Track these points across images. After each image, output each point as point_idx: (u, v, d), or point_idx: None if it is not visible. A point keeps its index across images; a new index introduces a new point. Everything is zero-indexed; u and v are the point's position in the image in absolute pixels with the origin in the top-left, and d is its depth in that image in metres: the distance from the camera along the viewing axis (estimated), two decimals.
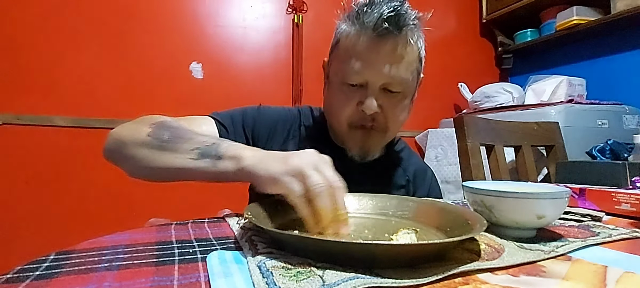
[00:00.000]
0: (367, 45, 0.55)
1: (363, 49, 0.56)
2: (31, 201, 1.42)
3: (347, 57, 0.58)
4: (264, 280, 0.25)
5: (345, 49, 0.59)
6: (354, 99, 0.59)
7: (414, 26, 0.56)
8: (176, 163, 0.49)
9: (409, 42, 0.56)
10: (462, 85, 2.15)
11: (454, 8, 2.34)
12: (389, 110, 0.59)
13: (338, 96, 0.61)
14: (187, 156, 0.48)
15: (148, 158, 0.51)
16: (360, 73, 0.57)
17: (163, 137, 0.50)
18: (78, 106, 1.49)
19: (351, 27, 0.58)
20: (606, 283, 0.27)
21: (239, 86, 1.76)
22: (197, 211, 0.81)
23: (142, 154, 0.51)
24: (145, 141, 0.51)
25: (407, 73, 0.58)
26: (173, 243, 0.36)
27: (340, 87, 0.60)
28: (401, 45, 0.56)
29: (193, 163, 0.48)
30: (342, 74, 0.59)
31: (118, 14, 1.56)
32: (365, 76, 0.57)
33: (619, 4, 1.69)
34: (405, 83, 0.59)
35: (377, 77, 0.57)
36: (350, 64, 0.57)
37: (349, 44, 0.58)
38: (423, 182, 0.76)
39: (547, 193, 0.37)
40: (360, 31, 0.56)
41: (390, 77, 0.57)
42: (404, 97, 0.61)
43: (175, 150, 0.49)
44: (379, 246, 0.28)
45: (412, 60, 0.59)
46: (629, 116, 1.69)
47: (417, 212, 0.47)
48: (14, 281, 0.26)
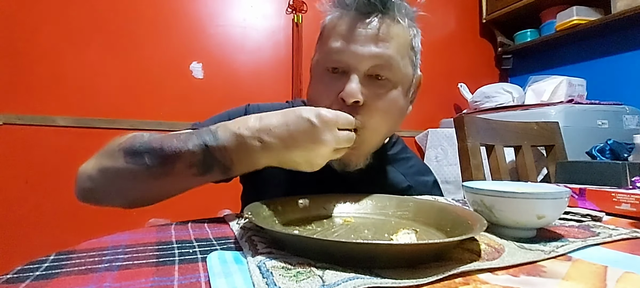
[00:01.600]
0: (348, 24, 0.49)
1: (344, 29, 0.50)
2: (31, 201, 1.42)
3: (327, 40, 0.52)
4: (264, 280, 0.25)
5: (327, 33, 0.53)
6: (335, 87, 0.50)
7: (402, 10, 0.51)
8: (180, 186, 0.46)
9: (396, 21, 0.50)
10: (462, 85, 2.15)
11: (454, 8, 2.34)
12: (374, 103, 0.50)
13: (318, 86, 0.54)
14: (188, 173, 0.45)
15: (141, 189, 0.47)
16: (341, 53, 0.49)
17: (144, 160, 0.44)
18: (79, 106, 1.49)
19: (334, 12, 0.52)
20: (606, 283, 0.27)
21: (239, 86, 1.76)
22: (197, 211, 0.81)
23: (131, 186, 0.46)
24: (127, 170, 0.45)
25: (397, 57, 0.50)
26: (173, 244, 0.36)
27: (320, 77, 0.53)
28: (387, 24, 0.49)
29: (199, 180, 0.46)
30: (322, 59, 0.53)
31: (119, 14, 1.56)
32: (347, 57, 0.49)
33: (619, 4, 1.69)
34: (396, 68, 0.50)
35: (360, 58, 0.49)
36: (330, 45, 0.51)
37: (330, 27, 0.52)
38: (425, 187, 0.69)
39: (547, 194, 0.37)
40: (342, 13, 0.51)
41: (376, 58, 0.49)
42: (394, 87, 0.51)
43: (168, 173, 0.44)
44: (379, 246, 0.28)
45: (403, 43, 0.51)
46: (629, 116, 1.69)
47: (417, 212, 0.47)
48: (14, 281, 0.26)
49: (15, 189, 1.40)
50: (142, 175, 0.45)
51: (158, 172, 0.45)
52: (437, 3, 2.28)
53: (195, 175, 0.45)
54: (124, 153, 0.46)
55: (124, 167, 0.45)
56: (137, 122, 1.57)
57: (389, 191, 0.60)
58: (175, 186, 0.46)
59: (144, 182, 0.46)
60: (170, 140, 0.45)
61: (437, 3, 2.28)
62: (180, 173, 0.45)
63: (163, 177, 0.45)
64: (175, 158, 0.44)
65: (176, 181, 0.46)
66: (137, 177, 0.45)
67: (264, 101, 0.74)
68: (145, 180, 0.45)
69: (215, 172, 0.45)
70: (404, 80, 0.53)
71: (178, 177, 0.45)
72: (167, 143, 0.45)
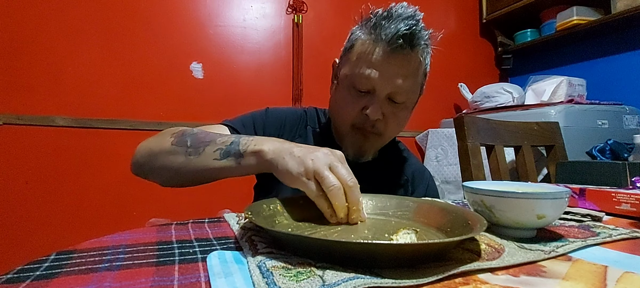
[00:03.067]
0: (380, 56, 0.59)
1: (376, 59, 0.59)
2: (31, 201, 1.42)
3: (359, 64, 0.61)
4: (264, 280, 0.25)
5: (358, 55, 0.62)
6: (359, 103, 0.63)
7: (425, 46, 0.61)
8: (202, 165, 0.53)
9: (419, 61, 0.61)
10: (462, 85, 2.15)
11: (454, 8, 2.34)
12: (390, 119, 0.63)
13: (346, 98, 0.64)
14: (212, 157, 0.52)
15: (175, 165, 0.54)
16: (370, 80, 0.60)
17: (186, 143, 0.54)
18: (79, 106, 1.49)
19: (367, 36, 0.61)
20: (606, 283, 0.27)
21: (239, 86, 1.76)
22: (197, 211, 0.81)
23: (170, 162, 0.55)
24: (171, 150, 0.55)
25: (413, 87, 0.63)
26: (173, 243, 0.37)
27: (348, 90, 0.64)
28: (412, 62, 0.60)
29: (218, 163, 0.52)
30: (352, 78, 0.62)
31: (119, 14, 1.56)
32: (374, 84, 0.60)
33: (619, 4, 1.69)
34: (410, 96, 0.63)
35: (385, 88, 0.60)
36: (362, 70, 0.60)
37: (362, 52, 0.61)
38: (421, 181, 0.79)
39: (547, 194, 0.37)
40: (375, 42, 0.59)
41: (397, 89, 0.60)
42: (406, 108, 0.65)
43: (199, 153, 0.53)
44: (379, 246, 0.28)
45: (419, 74, 0.63)
46: (629, 116, 1.69)
47: (417, 212, 0.47)
48: (14, 281, 0.26)
49: (15, 189, 1.40)
50: (180, 154, 0.54)
51: (192, 151, 0.53)
52: (437, 3, 2.28)
53: (215, 159, 0.52)
54: (173, 137, 0.56)
55: (168, 148, 0.55)
56: (137, 122, 1.57)
57: (391, 183, 0.75)
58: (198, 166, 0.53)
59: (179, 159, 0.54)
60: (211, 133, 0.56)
61: (437, 3, 2.28)
62: (208, 155, 0.52)
63: (195, 156, 0.53)
64: (208, 143, 0.53)
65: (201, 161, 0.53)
66: (176, 154, 0.54)
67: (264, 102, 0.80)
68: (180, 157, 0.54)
69: (231, 158, 0.51)
70: (413, 101, 0.66)
71: (204, 158, 0.52)
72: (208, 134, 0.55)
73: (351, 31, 0.65)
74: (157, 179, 0.59)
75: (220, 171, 0.52)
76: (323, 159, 0.43)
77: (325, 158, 0.43)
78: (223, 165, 0.51)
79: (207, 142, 0.54)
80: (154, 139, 0.59)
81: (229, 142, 0.52)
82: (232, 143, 0.52)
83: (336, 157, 0.44)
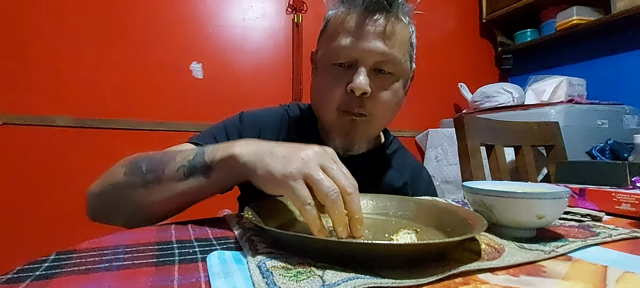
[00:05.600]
0: (356, 20, 0.52)
1: (353, 26, 0.52)
2: (31, 201, 1.42)
3: (335, 35, 0.54)
4: (264, 280, 0.25)
5: (333, 28, 0.55)
6: (343, 80, 0.54)
7: (405, 9, 0.54)
8: (167, 193, 0.44)
9: (399, 19, 0.54)
10: (462, 85, 2.15)
11: (454, 8, 2.34)
12: (380, 95, 0.54)
13: (326, 79, 0.56)
14: (175, 179, 0.43)
15: (135, 200, 0.45)
16: (350, 49, 0.52)
17: (141, 170, 0.45)
18: (79, 106, 1.49)
19: (340, 7, 0.55)
20: (606, 283, 0.27)
21: (239, 86, 1.76)
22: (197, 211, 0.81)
23: (128, 198, 0.46)
24: (125, 182, 0.46)
25: (400, 53, 0.54)
26: (173, 244, 0.37)
27: (328, 69, 0.56)
28: (392, 21, 0.53)
29: (184, 185, 0.43)
30: (330, 54, 0.55)
31: (119, 14, 1.56)
32: (355, 53, 0.53)
33: (619, 4, 1.69)
34: (398, 63, 0.55)
35: (368, 54, 0.52)
36: (339, 41, 0.53)
37: (337, 23, 0.54)
38: (420, 183, 0.73)
39: (547, 193, 0.37)
40: (349, 9, 0.53)
41: (381, 55, 0.52)
42: (396, 80, 0.56)
43: (160, 179, 0.44)
44: (379, 246, 0.28)
45: (404, 40, 0.55)
46: (629, 116, 1.69)
47: (417, 212, 0.47)
48: (14, 281, 0.26)
49: (16, 189, 1.40)
50: (138, 185, 0.45)
51: (150, 178, 0.44)
52: (437, 3, 2.28)
53: (180, 180, 0.44)
54: (124, 168, 0.47)
55: (122, 180, 0.46)
56: (137, 122, 1.57)
57: (386, 187, 0.65)
58: (163, 193, 0.45)
59: (138, 192, 0.45)
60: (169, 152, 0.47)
61: (437, 3, 2.28)
62: (169, 178, 0.44)
63: (155, 184, 0.44)
64: (166, 163, 0.45)
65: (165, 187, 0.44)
66: (134, 187, 0.45)
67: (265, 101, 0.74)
68: (139, 189, 0.45)
69: (198, 174, 0.43)
70: (404, 74, 0.57)
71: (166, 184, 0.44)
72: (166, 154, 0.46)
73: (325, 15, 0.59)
74: (119, 221, 0.48)
75: (188, 194, 0.44)
76: (314, 158, 0.36)
77: (317, 157, 0.36)
78: (190, 186, 0.43)
79: (166, 162, 0.44)
80: (105, 175, 0.49)
81: (192, 156, 0.44)
82: (196, 155, 0.43)
83: (328, 156, 0.37)
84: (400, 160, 0.71)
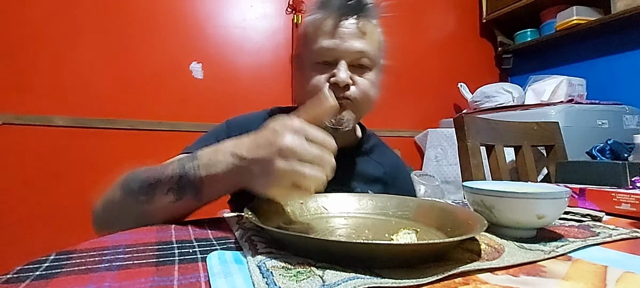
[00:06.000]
0: (334, 24, 0.60)
1: (331, 30, 0.60)
2: (31, 201, 1.42)
3: (317, 39, 0.61)
4: (264, 280, 0.25)
5: (314, 33, 0.62)
6: (326, 74, 0.61)
7: (374, 11, 0.63)
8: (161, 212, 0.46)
9: (369, 21, 0.62)
10: (462, 85, 2.15)
11: (454, 8, 2.34)
12: (361, 83, 0.62)
13: (311, 75, 0.62)
14: (167, 201, 0.45)
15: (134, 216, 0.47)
16: (332, 49, 0.60)
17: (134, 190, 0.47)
18: (78, 106, 1.49)
19: (317, 14, 0.62)
20: (606, 283, 0.27)
21: (239, 86, 1.76)
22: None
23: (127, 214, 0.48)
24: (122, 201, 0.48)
25: (373, 49, 0.62)
26: (173, 244, 0.37)
27: (312, 67, 0.62)
28: (364, 24, 0.61)
29: (175, 206, 0.46)
30: (313, 54, 0.62)
31: (118, 14, 1.56)
32: (336, 52, 0.60)
33: (619, 4, 1.69)
34: (373, 58, 0.63)
35: (347, 53, 0.60)
36: (321, 43, 0.60)
37: (317, 27, 0.62)
38: (399, 174, 0.77)
39: (547, 193, 0.37)
40: (326, 15, 0.60)
41: (359, 52, 0.60)
42: (370, 70, 0.64)
43: (152, 200, 0.46)
44: (379, 246, 0.28)
45: (376, 39, 0.64)
46: (629, 116, 1.69)
47: (417, 212, 0.47)
48: (13, 281, 0.26)
49: (15, 189, 1.40)
50: (132, 205, 0.47)
51: (142, 199, 0.46)
52: (437, 3, 2.28)
53: (172, 202, 0.45)
54: (121, 186, 0.49)
55: (119, 199, 0.49)
56: (137, 122, 1.57)
57: (365, 177, 0.71)
58: (157, 215, 0.46)
59: (133, 212, 0.47)
60: (156, 168, 0.48)
61: (437, 3, 2.28)
62: (160, 200, 0.46)
63: (147, 204, 0.46)
64: (155, 185, 0.46)
65: (157, 209, 0.46)
66: (129, 207, 0.48)
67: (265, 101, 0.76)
68: (134, 209, 0.47)
69: (188, 196, 0.45)
70: (377, 66, 0.65)
71: (158, 204, 0.46)
72: (152, 170, 0.48)
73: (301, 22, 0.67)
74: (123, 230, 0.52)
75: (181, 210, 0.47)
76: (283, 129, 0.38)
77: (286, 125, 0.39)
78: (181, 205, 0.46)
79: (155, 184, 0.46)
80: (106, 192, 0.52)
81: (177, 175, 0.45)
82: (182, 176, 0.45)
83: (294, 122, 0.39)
84: (379, 153, 0.77)
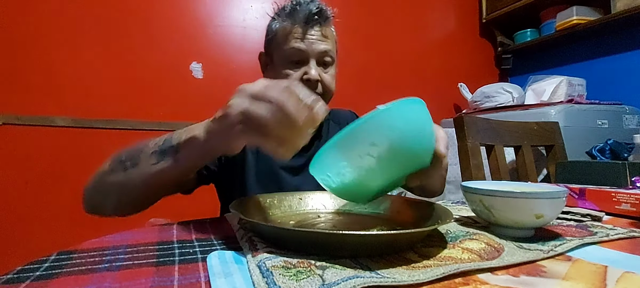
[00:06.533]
0: (303, 33, 0.72)
1: (300, 36, 0.72)
2: (31, 201, 1.42)
3: (288, 42, 0.72)
4: (264, 279, 0.25)
5: (284, 37, 0.73)
6: (298, 72, 0.73)
7: (331, 18, 0.75)
8: (142, 175, 0.49)
9: (329, 27, 0.76)
10: (462, 85, 2.15)
11: (454, 8, 2.34)
12: (326, 78, 0.75)
13: (285, 72, 0.74)
14: (149, 162, 0.49)
15: (117, 185, 0.51)
16: (302, 51, 0.72)
17: (121, 158, 0.52)
18: (78, 106, 1.49)
19: (286, 22, 0.73)
20: (606, 283, 0.27)
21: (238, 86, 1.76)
22: (197, 211, 0.81)
23: (111, 183, 0.52)
24: (109, 170, 0.52)
25: (333, 48, 0.76)
26: (174, 243, 0.37)
27: (286, 66, 0.74)
28: (325, 30, 0.74)
29: (156, 167, 0.48)
30: (285, 55, 0.73)
31: (118, 14, 1.56)
32: (305, 53, 0.72)
33: (619, 4, 1.69)
34: (333, 55, 0.76)
35: (314, 53, 0.72)
36: (292, 45, 0.72)
37: (287, 33, 0.73)
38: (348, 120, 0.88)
39: (545, 193, 0.37)
40: (294, 24, 0.72)
41: (323, 52, 0.73)
42: (331, 65, 0.77)
43: (137, 164, 0.50)
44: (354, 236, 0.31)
45: (333, 39, 0.77)
46: (629, 116, 1.69)
47: (391, 209, 0.51)
48: (14, 281, 0.26)
49: (15, 189, 1.40)
50: (118, 173, 0.51)
51: (128, 165, 0.51)
52: (437, 3, 2.28)
53: (154, 164, 0.49)
54: (109, 161, 0.54)
55: (106, 170, 0.53)
56: (137, 122, 1.57)
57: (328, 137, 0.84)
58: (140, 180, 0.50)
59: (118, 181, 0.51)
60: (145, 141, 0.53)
61: (437, 3, 2.28)
62: (143, 163, 0.49)
63: (131, 168, 0.50)
64: (141, 150, 0.51)
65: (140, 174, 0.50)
66: (115, 176, 0.52)
67: None
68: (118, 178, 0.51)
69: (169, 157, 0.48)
70: (335, 62, 0.79)
71: (142, 168, 0.49)
72: (141, 143, 0.53)
73: (269, 24, 0.78)
74: (108, 208, 0.55)
75: (162, 174, 0.49)
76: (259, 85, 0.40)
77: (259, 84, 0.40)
78: (162, 168, 0.48)
79: (141, 149, 0.51)
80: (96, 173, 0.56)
81: (162, 141, 0.50)
82: (165, 141, 0.49)
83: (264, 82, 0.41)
84: (335, 115, 0.91)
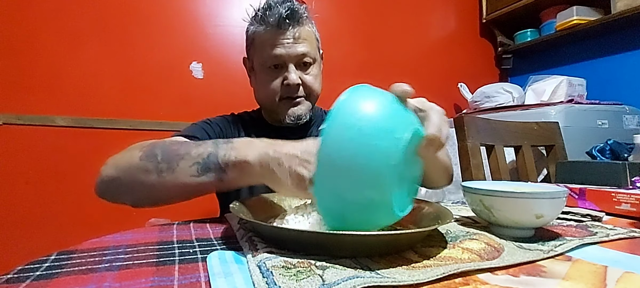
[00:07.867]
0: (276, 38, 0.71)
1: (275, 41, 0.71)
2: (32, 201, 1.42)
3: (265, 49, 0.72)
4: (264, 280, 0.25)
5: (261, 43, 0.73)
6: (278, 77, 0.73)
7: (306, 17, 0.73)
8: (179, 184, 0.47)
9: (305, 26, 0.73)
10: (462, 85, 2.15)
11: (454, 8, 2.34)
12: (308, 79, 0.74)
13: (265, 79, 0.74)
14: (188, 173, 0.47)
15: (147, 184, 0.48)
16: (279, 56, 0.71)
17: (157, 158, 0.49)
18: (79, 106, 1.49)
19: (259, 27, 0.72)
20: (606, 283, 0.27)
21: (239, 86, 1.75)
22: (198, 211, 0.81)
23: (140, 180, 0.49)
24: (140, 166, 0.49)
25: (312, 49, 0.74)
26: (174, 243, 0.37)
27: (265, 72, 0.74)
28: (301, 30, 0.72)
29: (196, 180, 0.47)
30: (264, 61, 0.73)
31: (118, 14, 1.56)
32: (283, 58, 0.71)
33: (619, 4, 1.69)
34: (313, 55, 0.74)
35: (292, 57, 0.71)
36: (269, 52, 0.71)
37: (263, 39, 0.72)
38: None
39: (545, 193, 0.37)
40: (267, 29, 0.71)
41: (301, 54, 0.72)
42: (313, 64, 0.76)
43: (173, 170, 0.47)
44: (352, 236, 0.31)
45: (312, 37, 0.75)
46: (629, 116, 1.69)
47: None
48: (14, 281, 0.26)
49: (15, 189, 1.40)
50: (151, 171, 0.48)
51: (164, 167, 0.48)
52: (437, 3, 2.28)
53: (194, 176, 0.47)
54: (141, 152, 0.50)
55: (137, 163, 0.49)
56: (137, 122, 1.57)
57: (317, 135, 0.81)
58: (174, 188, 0.48)
59: (149, 181, 0.48)
60: (187, 142, 0.52)
61: (437, 3, 2.28)
62: (182, 172, 0.47)
63: (167, 173, 0.48)
64: (182, 157, 0.48)
65: (176, 182, 0.47)
66: (147, 172, 0.48)
67: None
68: (150, 178, 0.48)
69: (212, 174, 0.47)
70: (317, 60, 0.77)
71: (179, 176, 0.47)
72: (180, 143, 0.51)
73: (247, 29, 0.78)
74: (127, 200, 0.52)
75: (200, 189, 0.47)
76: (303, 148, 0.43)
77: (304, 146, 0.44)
78: (202, 182, 0.47)
79: (181, 155, 0.48)
80: (120, 155, 0.53)
81: (206, 154, 0.47)
82: (210, 155, 0.47)
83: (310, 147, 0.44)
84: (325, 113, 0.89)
